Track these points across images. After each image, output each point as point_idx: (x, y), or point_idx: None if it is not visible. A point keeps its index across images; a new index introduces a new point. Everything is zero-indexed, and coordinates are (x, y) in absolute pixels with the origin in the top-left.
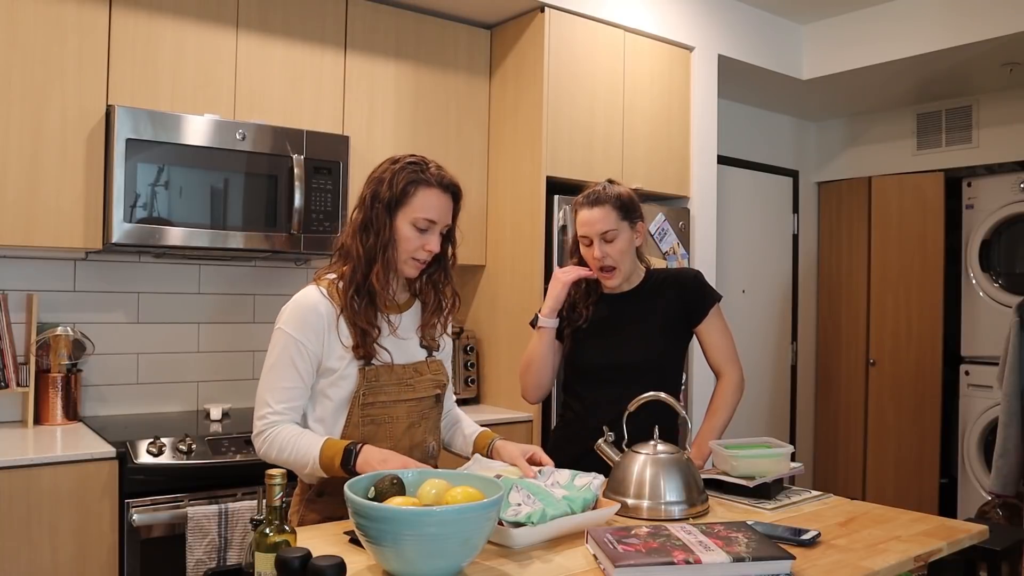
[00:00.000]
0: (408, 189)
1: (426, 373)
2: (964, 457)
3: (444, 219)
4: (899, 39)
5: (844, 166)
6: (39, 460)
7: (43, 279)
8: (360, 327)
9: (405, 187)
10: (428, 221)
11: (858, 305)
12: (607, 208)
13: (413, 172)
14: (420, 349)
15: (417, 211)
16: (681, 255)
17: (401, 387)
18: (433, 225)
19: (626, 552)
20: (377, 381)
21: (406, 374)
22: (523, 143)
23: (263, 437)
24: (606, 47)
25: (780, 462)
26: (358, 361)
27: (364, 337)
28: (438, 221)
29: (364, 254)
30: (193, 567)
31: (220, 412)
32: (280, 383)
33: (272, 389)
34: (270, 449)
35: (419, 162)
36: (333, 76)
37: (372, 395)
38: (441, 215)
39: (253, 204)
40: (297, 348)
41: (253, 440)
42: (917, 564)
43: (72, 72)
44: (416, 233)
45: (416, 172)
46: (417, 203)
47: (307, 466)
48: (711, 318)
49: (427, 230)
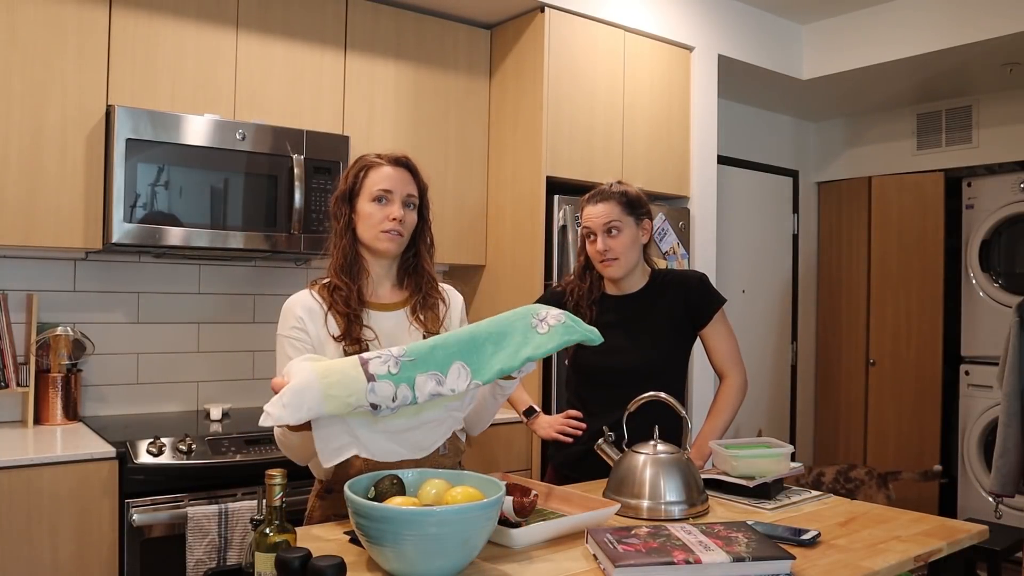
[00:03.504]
0: (359, 175)
1: None
2: (964, 457)
3: (401, 188)
4: (899, 39)
5: (844, 166)
6: (39, 460)
7: (43, 279)
8: (341, 312)
9: (356, 175)
10: (383, 191)
11: (858, 305)
12: (612, 203)
13: (363, 160)
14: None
15: (371, 187)
16: (681, 255)
17: None
18: (390, 194)
19: (626, 552)
20: None
21: None
22: (523, 143)
23: (277, 431)
24: (606, 47)
25: (780, 462)
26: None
27: (348, 321)
28: (393, 189)
29: (334, 248)
30: (193, 567)
31: (220, 412)
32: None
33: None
34: (280, 442)
35: (371, 154)
36: (333, 76)
37: None
38: (395, 184)
39: (253, 204)
40: (290, 343)
41: (275, 430)
42: (917, 564)
43: (72, 72)
44: (377, 206)
45: (366, 159)
46: (369, 181)
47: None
48: (716, 321)
49: (385, 199)
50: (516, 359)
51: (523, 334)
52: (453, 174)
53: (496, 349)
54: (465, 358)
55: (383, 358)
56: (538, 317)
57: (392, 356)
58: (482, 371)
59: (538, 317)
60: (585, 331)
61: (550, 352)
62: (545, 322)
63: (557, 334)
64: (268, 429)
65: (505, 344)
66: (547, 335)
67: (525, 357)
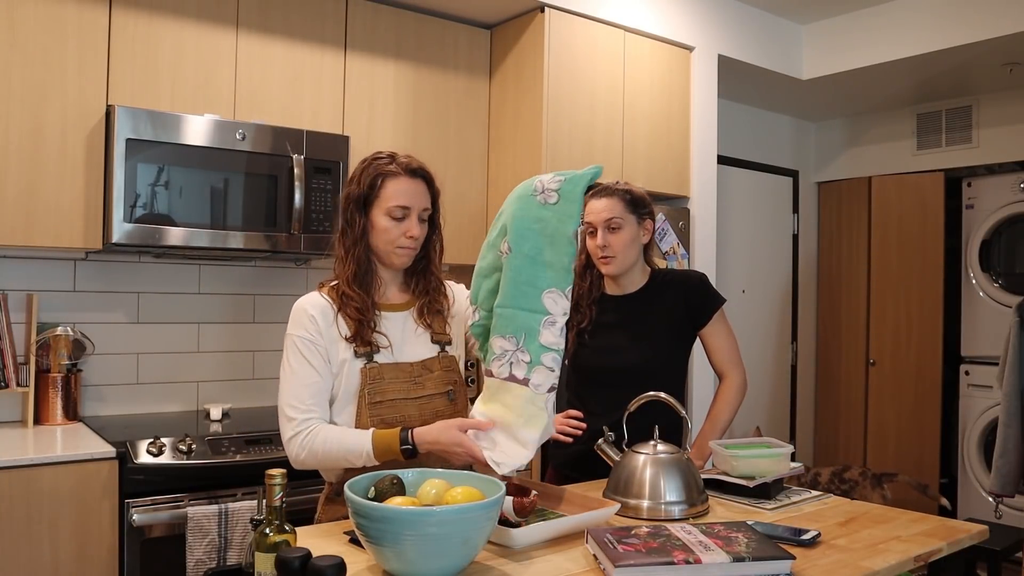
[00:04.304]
0: (376, 182)
1: (436, 370)
2: (964, 457)
3: (418, 204)
4: (899, 39)
5: (844, 166)
6: (39, 460)
7: (43, 279)
8: (353, 318)
9: (373, 181)
10: (401, 208)
11: (858, 305)
12: (615, 199)
13: (379, 166)
14: (432, 345)
15: (388, 200)
16: (681, 255)
17: (409, 385)
18: (407, 211)
19: (626, 552)
20: (381, 378)
21: (415, 371)
22: (523, 143)
23: (298, 441)
24: (606, 47)
25: (780, 462)
26: (359, 359)
27: (360, 326)
28: (411, 207)
29: (346, 255)
30: (193, 567)
31: (220, 412)
32: (298, 382)
33: (292, 391)
34: (312, 450)
35: (386, 156)
36: (333, 76)
37: (379, 393)
38: (413, 200)
39: (253, 204)
40: (303, 343)
41: (286, 446)
42: (917, 564)
43: (72, 72)
44: (393, 222)
45: (382, 165)
46: (387, 193)
47: (360, 457)
48: (715, 321)
49: (403, 217)
50: (563, 239)
51: (540, 220)
52: (453, 174)
53: (536, 255)
54: (535, 286)
55: (506, 360)
56: (536, 191)
57: (512, 351)
58: (551, 277)
59: (536, 191)
60: (583, 173)
61: (578, 213)
62: (544, 194)
63: (568, 196)
64: (268, 429)
65: (535, 247)
66: (559, 204)
67: (569, 231)
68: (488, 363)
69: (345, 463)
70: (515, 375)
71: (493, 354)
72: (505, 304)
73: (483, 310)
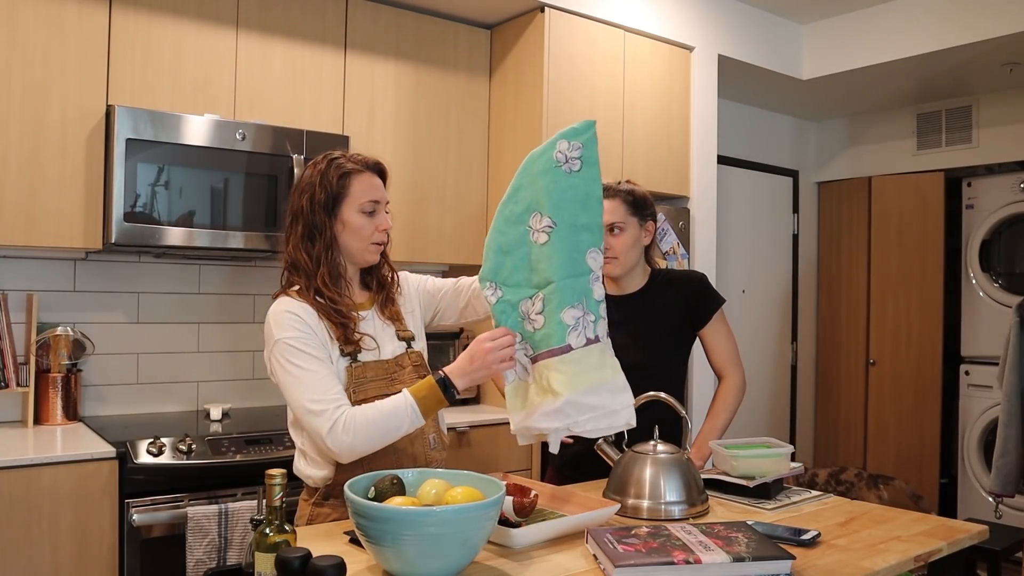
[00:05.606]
0: (343, 182)
1: (407, 365)
2: (964, 457)
3: (384, 196)
4: (899, 39)
5: (844, 166)
6: (39, 460)
7: (43, 279)
8: (336, 321)
9: (339, 181)
10: (372, 203)
11: (858, 305)
12: (617, 201)
13: (340, 165)
14: (399, 342)
15: (359, 197)
16: (681, 255)
17: (385, 381)
18: (377, 205)
19: (626, 552)
20: (364, 377)
21: (390, 368)
22: (523, 143)
23: (340, 427)
24: (606, 47)
25: (780, 462)
26: (344, 359)
27: (344, 328)
28: (380, 200)
29: (312, 262)
30: (193, 567)
31: (220, 412)
32: (312, 378)
33: (310, 388)
34: (356, 430)
35: (339, 155)
36: (333, 76)
37: (362, 392)
38: (380, 194)
39: (253, 204)
40: (301, 342)
41: (327, 440)
42: (917, 564)
43: (72, 72)
44: (366, 218)
45: (343, 164)
46: (356, 190)
47: (407, 414)
48: (715, 321)
49: (374, 212)
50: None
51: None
52: (453, 174)
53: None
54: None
55: (580, 328)
56: (559, 163)
57: (581, 316)
58: (589, 238)
59: (559, 163)
60: (588, 133)
61: (600, 171)
62: (569, 163)
63: (590, 160)
64: (268, 429)
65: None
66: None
67: (599, 192)
68: (564, 339)
69: (394, 432)
70: (589, 337)
71: (566, 326)
72: (564, 276)
73: (506, 286)
